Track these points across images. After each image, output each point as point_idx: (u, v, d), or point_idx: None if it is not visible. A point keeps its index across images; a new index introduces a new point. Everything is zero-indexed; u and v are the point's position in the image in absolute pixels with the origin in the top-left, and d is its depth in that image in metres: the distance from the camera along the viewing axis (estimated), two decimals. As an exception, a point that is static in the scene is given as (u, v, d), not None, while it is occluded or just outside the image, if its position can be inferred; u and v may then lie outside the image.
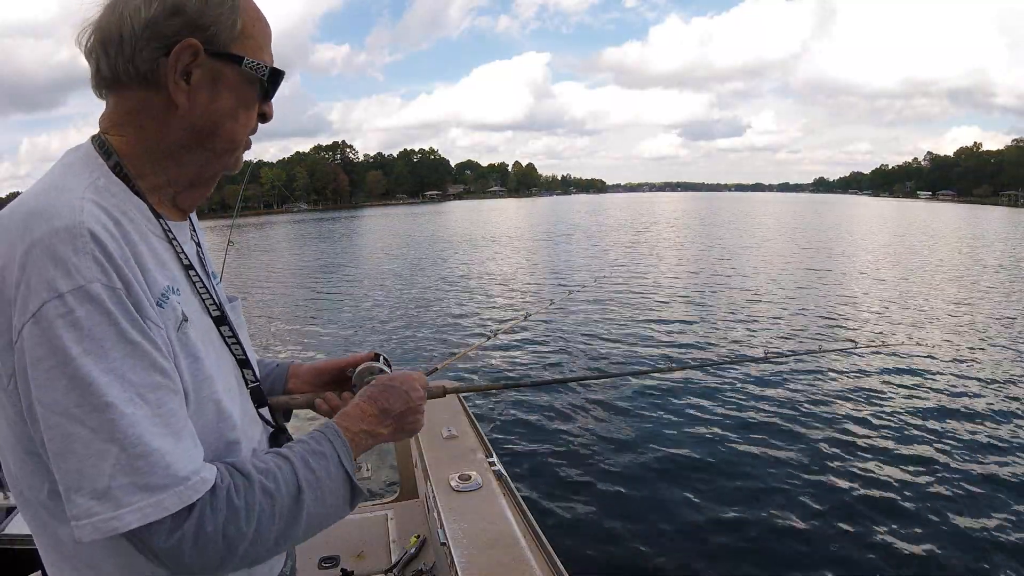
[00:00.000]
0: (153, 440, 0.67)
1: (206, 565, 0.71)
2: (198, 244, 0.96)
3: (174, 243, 0.84)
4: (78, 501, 0.65)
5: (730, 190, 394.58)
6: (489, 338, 2.06)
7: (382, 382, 0.99)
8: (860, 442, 5.80)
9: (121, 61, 0.78)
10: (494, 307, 13.38)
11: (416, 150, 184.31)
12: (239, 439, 0.84)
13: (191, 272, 0.86)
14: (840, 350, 9.18)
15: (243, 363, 0.92)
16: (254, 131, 0.90)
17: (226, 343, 0.89)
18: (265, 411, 0.95)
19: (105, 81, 0.81)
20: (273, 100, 0.90)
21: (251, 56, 0.83)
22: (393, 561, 2.31)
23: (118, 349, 0.67)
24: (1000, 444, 5.78)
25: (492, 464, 2.15)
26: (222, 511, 0.71)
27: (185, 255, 0.86)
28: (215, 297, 0.89)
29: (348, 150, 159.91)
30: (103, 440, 0.65)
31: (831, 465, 5.35)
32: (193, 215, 0.97)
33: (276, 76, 0.87)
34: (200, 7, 0.79)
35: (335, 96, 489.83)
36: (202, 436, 0.77)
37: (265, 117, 0.91)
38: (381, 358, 1.12)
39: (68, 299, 0.65)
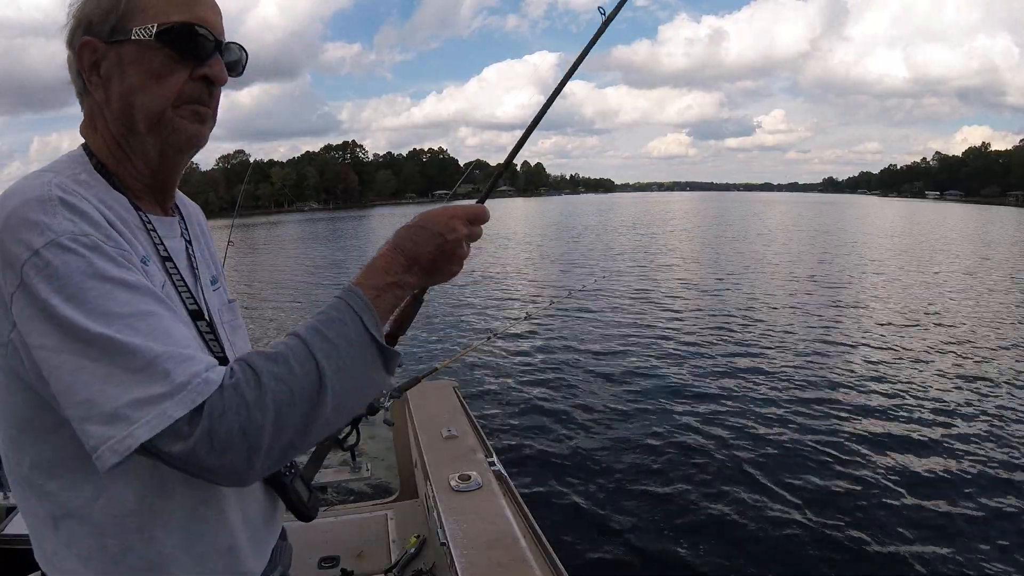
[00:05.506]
0: (148, 354, 0.67)
1: (234, 464, 0.69)
2: (188, 242, 0.97)
3: (152, 234, 0.86)
4: (91, 431, 0.67)
5: (739, 190, 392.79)
6: (489, 338, 2.07)
7: (413, 223, 0.89)
8: (871, 443, 5.75)
9: (72, 75, 0.88)
10: (494, 307, 13.36)
11: (425, 150, 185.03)
12: None
13: (168, 264, 0.87)
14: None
15: (222, 361, 0.89)
16: (199, 99, 0.86)
17: (203, 339, 0.86)
18: None
19: (76, 92, 0.90)
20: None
21: (151, 22, 0.81)
22: (393, 561, 2.32)
23: (100, 287, 0.68)
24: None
25: (492, 464, 2.15)
26: (232, 408, 0.68)
27: (164, 247, 0.87)
28: (192, 292, 0.89)
29: (358, 149, 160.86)
30: (104, 368, 0.66)
31: (837, 467, 5.30)
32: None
33: (171, 31, 0.81)
34: (83, 7, 0.84)
35: (345, 95, 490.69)
36: None
37: (212, 80, 0.86)
38: None
39: (43, 253, 0.68)
